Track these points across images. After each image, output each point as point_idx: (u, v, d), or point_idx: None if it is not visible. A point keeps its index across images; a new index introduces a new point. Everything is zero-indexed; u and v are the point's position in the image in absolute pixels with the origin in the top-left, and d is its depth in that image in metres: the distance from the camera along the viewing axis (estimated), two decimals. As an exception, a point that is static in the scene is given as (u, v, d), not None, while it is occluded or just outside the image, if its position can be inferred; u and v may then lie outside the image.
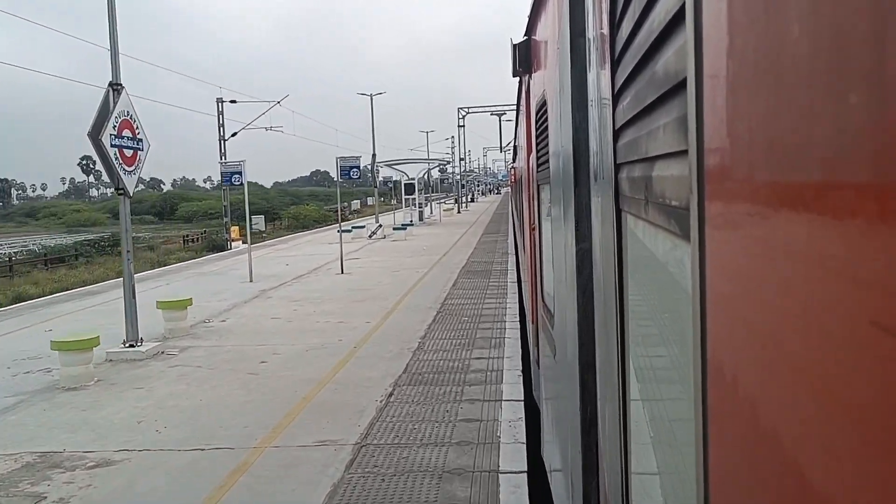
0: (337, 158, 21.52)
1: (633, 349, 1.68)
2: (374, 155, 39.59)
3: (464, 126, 73.31)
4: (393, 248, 29.45)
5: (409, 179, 46.44)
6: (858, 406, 0.52)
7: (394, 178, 49.40)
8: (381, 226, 35.71)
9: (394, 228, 34.85)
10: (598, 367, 2.36)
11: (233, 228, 49.10)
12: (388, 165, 49.14)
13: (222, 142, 47.11)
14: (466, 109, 73.21)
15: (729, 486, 0.86)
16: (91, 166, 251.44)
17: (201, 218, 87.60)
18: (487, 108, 71.00)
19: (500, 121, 69.21)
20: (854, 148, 0.51)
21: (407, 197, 48.29)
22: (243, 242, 46.65)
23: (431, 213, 56.04)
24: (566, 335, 3.13)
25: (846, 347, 0.53)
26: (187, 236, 68.15)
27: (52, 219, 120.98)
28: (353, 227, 37.50)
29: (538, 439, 6.27)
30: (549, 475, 5.01)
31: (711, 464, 0.93)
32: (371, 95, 48.69)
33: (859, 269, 0.51)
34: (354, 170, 21.29)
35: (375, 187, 43.40)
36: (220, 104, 46.70)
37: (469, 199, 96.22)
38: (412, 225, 37.40)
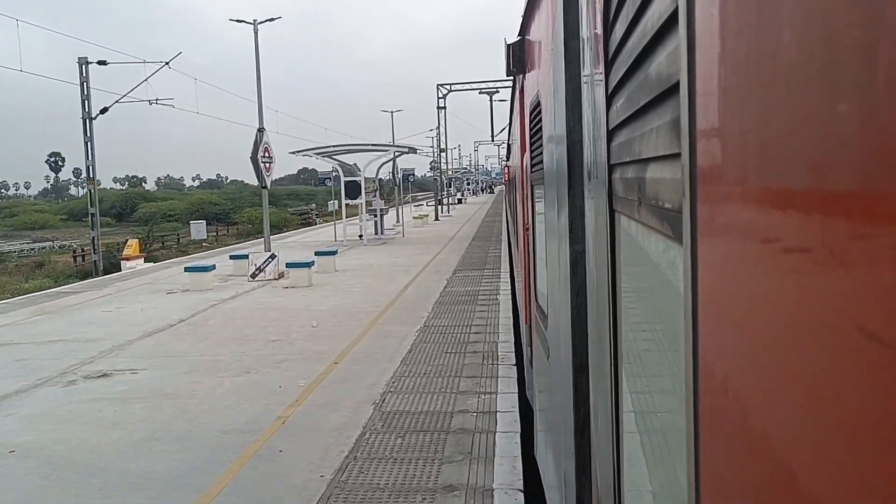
0: None
1: (626, 351, 1.68)
2: (260, 130, 21.37)
3: (445, 108, 55.80)
4: (253, 319, 13.97)
5: (349, 176, 29.75)
6: (849, 409, 0.52)
7: (331, 173, 32.75)
8: (273, 257, 20.25)
9: (288, 265, 19.07)
10: (590, 369, 2.37)
11: (130, 243, 33.67)
12: (321, 155, 30.04)
13: (87, 121, 31.61)
14: (448, 87, 55.30)
15: (720, 487, 0.86)
16: (60, 164, 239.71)
17: (159, 220, 79.27)
18: (475, 85, 55.31)
19: (490, 102, 54.18)
20: (846, 152, 0.52)
21: (349, 202, 31.06)
22: (146, 260, 32.25)
23: (398, 220, 41.09)
24: (559, 336, 3.14)
25: (837, 350, 0.54)
26: (83, 250, 52.91)
27: (9, 219, 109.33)
28: (231, 258, 22.29)
29: (531, 439, 6.20)
30: (542, 476, 4.98)
31: (703, 465, 0.93)
32: (254, 23, 26.41)
33: (850, 273, 0.52)
34: None
35: (264, 187, 22.12)
36: (83, 68, 31.34)
37: (457, 201, 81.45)
38: (333, 254, 21.64)
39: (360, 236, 32.48)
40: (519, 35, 5.44)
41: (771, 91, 0.65)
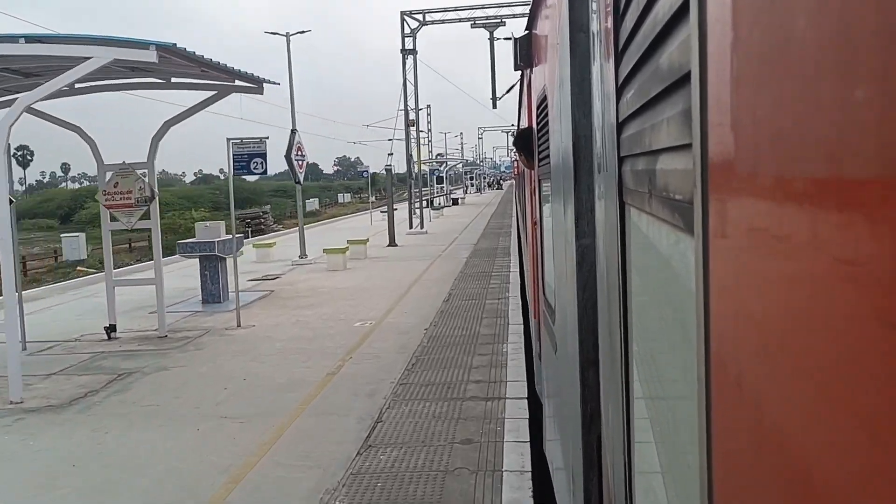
0: None
1: (636, 344, 1.67)
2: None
3: (415, 52, 32.36)
4: None
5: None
6: (862, 403, 0.52)
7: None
8: None
9: None
10: (600, 363, 2.36)
11: None
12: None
13: None
14: (420, 17, 31.82)
15: (733, 483, 0.86)
16: (29, 158, 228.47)
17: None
18: (463, 16, 33.91)
19: (490, 41, 32.66)
20: (860, 143, 0.51)
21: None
22: None
23: (304, 254, 20.84)
24: (567, 330, 3.11)
25: (850, 343, 0.54)
26: None
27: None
28: None
29: (541, 434, 6.27)
30: (551, 471, 4.97)
31: (715, 460, 0.92)
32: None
33: (864, 265, 0.51)
34: None
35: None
36: None
37: (451, 202, 60.38)
38: None
39: (108, 331, 11.69)
40: (526, 29, 5.47)
41: (784, 80, 0.63)
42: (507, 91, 26.23)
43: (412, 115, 32.56)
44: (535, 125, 5.10)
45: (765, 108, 0.69)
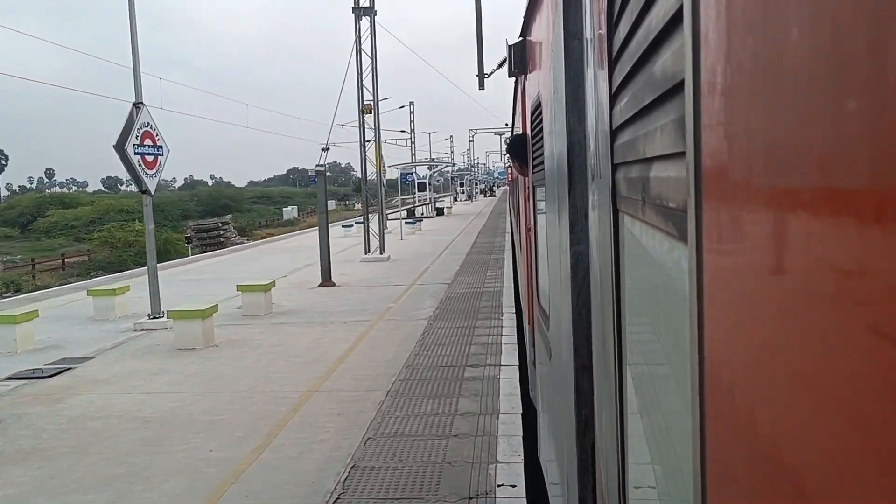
0: None
1: (630, 350, 1.67)
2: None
3: (373, 10, 22.27)
4: None
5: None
6: (856, 409, 0.52)
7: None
8: None
9: None
10: (594, 369, 2.36)
11: None
12: None
13: None
14: None
15: (727, 489, 0.86)
16: (3, 163, 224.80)
17: (61, 231, 67.69)
18: None
19: (478, 2, 24.35)
20: (852, 151, 0.51)
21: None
22: None
23: (158, 312, 12.20)
24: (561, 336, 3.12)
25: (843, 350, 0.54)
26: None
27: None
28: None
29: (535, 441, 6.35)
30: (545, 477, 4.98)
31: (709, 467, 0.92)
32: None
33: (857, 273, 0.52)
34: None
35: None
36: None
37: (434, 212, 51.56)
38: None
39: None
40: (520, 36, 5.47)
41: (777, 88, 0.64)
42: (498, 67, 17.94)
43: (369, 99, 23.79)
44: (529, 132, 5.08)
45: (758, 117, 0.69)
